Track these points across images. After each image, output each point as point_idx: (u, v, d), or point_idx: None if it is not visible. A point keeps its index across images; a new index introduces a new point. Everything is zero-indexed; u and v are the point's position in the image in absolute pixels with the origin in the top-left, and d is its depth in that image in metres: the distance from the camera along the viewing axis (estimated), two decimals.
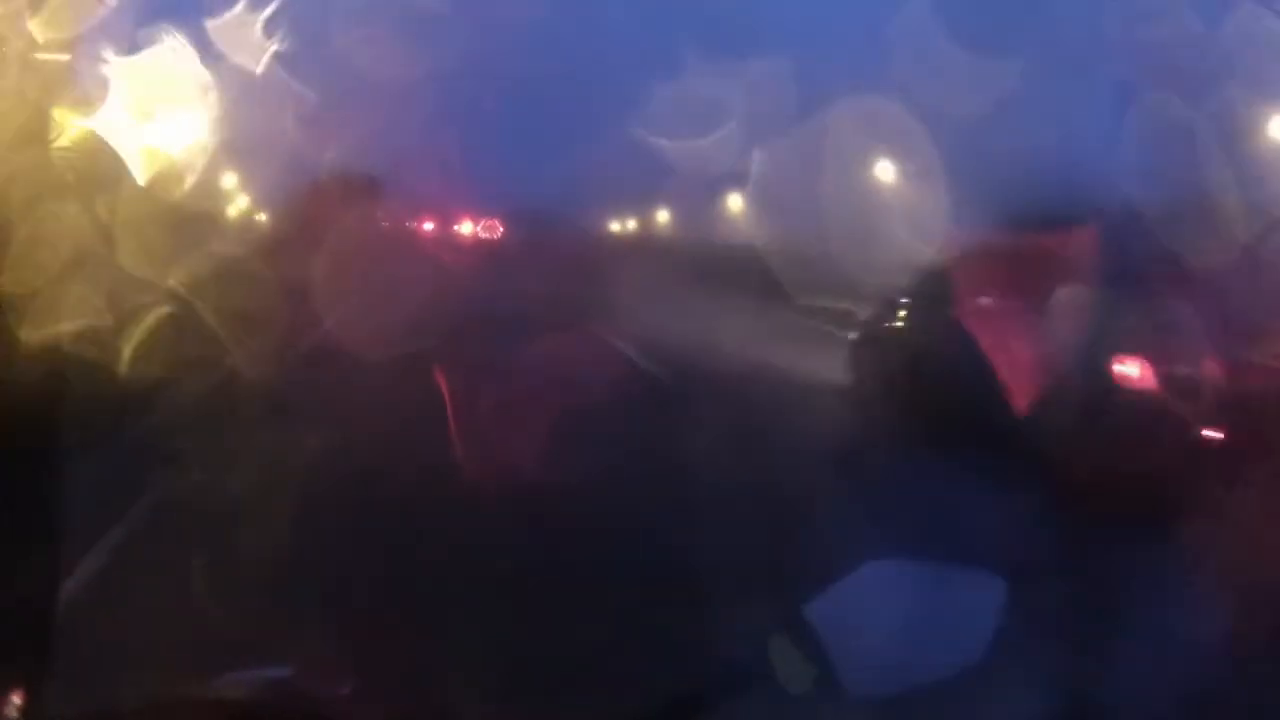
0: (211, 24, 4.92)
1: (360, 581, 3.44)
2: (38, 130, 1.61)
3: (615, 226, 13.63)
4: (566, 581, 3.64)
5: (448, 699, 1.65)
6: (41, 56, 1.62)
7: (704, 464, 5.05)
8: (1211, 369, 5.11)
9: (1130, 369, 5.37)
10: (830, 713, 1.01)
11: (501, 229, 16.18)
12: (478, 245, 16.32)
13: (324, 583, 3.39)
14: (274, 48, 5.18)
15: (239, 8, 4.97)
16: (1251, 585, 3.28)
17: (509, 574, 3.65)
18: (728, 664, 1.11)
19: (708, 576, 3.67)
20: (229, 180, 9.38)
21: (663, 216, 13.22)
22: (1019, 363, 5.38)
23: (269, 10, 4.96)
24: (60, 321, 1.54)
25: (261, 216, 10.35)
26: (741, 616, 2.73)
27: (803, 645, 1.01)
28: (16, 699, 1.27)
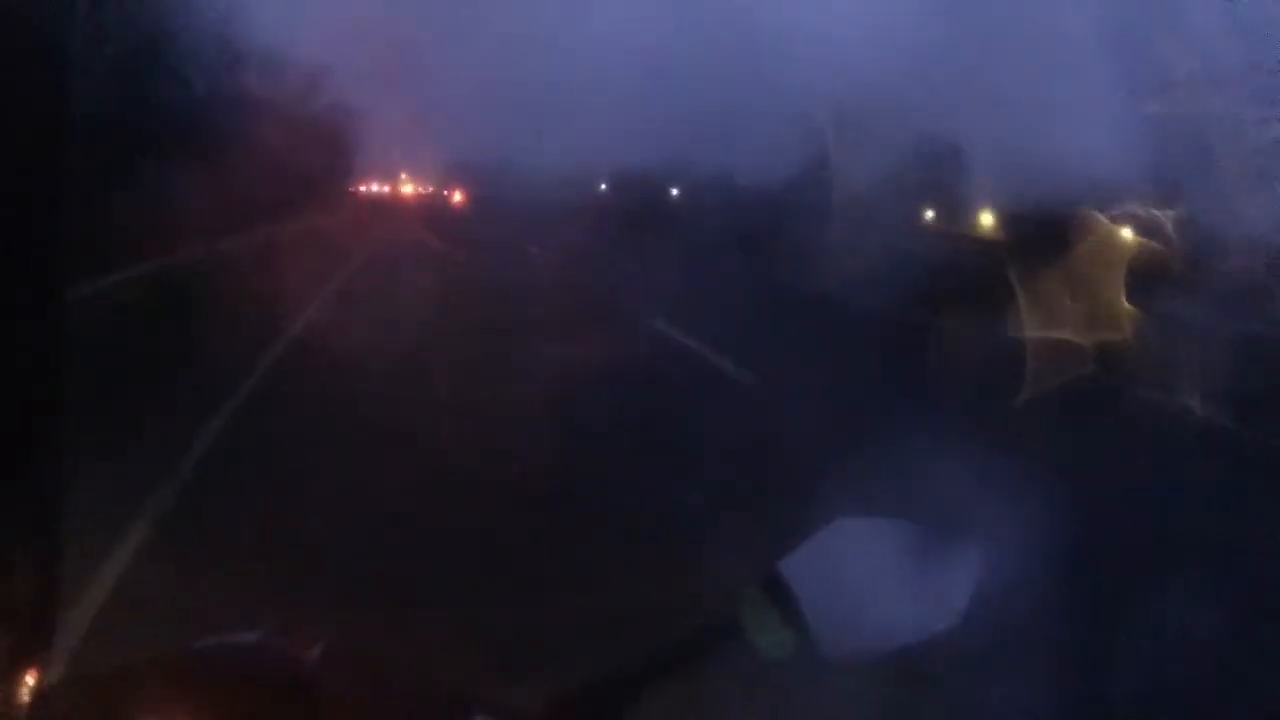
0: None
1: (337, 541, 3.43)
2: None
3: None
4: (541, 537, 3.62)
5: (422, 662, 1.64)
6: None
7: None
8: None
9: None
10: (803, 670, 1.00)
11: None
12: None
13: (302, 542, 3.37)
14: None
15: None
16: None
17: (485, 531, 3.64)
18: (702, 619, 1.09)
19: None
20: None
21: None
22: None
23: None
24: None
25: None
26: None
27: (777, 600, 0.99)
28: None
